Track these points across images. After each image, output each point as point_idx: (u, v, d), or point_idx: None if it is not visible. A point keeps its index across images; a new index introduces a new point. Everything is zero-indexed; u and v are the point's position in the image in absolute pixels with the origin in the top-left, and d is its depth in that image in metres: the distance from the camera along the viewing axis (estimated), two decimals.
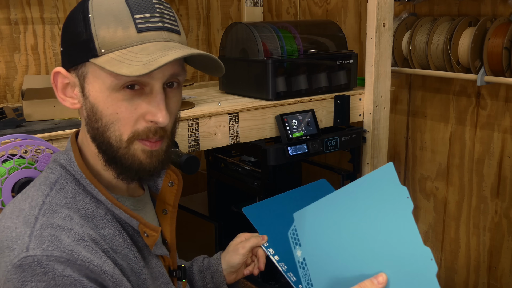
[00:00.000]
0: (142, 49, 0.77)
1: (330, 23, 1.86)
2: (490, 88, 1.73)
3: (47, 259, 0.71)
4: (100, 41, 0.77)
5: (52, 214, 0.77)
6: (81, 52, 0.79)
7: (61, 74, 0.83)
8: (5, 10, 1.67)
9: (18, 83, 1.72)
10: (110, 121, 0.80)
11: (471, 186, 1.85)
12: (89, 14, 0.79)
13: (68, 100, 0.84)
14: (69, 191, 0.82)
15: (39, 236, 0.73)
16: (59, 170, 0.84)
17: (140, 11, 0.79)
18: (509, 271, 1.80)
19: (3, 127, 1.19)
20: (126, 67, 0.75)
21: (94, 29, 0.78)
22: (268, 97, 1.57)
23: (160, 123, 0.79)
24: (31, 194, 0.81)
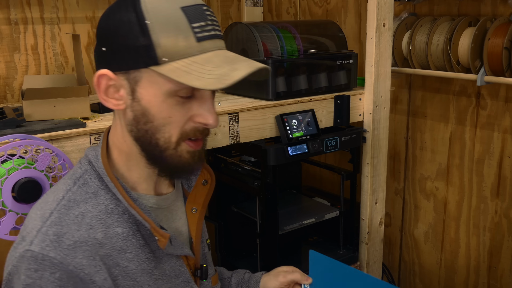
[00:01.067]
0: (206, 61, 0.80)
1: (330, 23, 1.86)
2: (490, 88, 1.73)
3: (42, 257, 0.75)
4: (162, 50, 0.78)
5: (66, 211, 0.80)
6: (138, 58, 0.80)
7: (106, 77, 0.83)
8: (5, 10, 1.67)
9: (18, 83, 1.72)
10: (162, 124, 0.82)
11: (471, 186, 1.85)
12: (146, 20, 0.78)
13: (111, 101, 0.85)
14: (92, 187, 0.85)
15: (44, 233, 0.77)
16: (85, 166, 0.87)
17: (196, 20, 0.80)
18: (509, 271, 1.80)
19: (3, 127, 1.19)
20: (197, 79, 0.77)
21: (154, 37, 0.78)
22: (268, 97, 1.57)
23: (211, 125, 0.85)
24: (59, 186, 0.86)
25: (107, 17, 0.83)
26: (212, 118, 0.84)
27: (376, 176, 1.78)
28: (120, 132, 0.88)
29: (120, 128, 0.88)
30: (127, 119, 0.85)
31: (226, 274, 1.18)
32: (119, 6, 0.81)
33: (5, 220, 1.07)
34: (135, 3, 0.80)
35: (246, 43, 1.64)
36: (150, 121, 0.83)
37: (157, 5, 0.79)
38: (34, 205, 0.86)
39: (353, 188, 1.76)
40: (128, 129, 0.86)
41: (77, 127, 1.22)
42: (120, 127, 0.88)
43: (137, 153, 0.87)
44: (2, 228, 1.07)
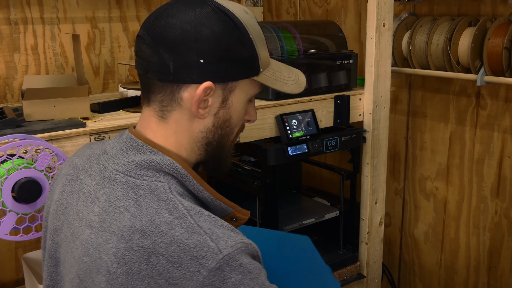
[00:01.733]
0: (279, 69, 0.94)
1: (330, 23, 1.86)
2: (490, 88, 1.73)
3: (237, 252, 0.77)
4: (261, 61, 0.88)
5: (201, 216, 0.80)
6: (244, 69, 0.87)
7: (210, 89, 0.84)
8: (5, 10, 1.67)
9: (18, 83, 1.72)
10: (236, 125, 0.92)
11: (471, 186, 1.85)
12: (250, 35, 0.85)
13: (199, 112, 0.86)
14: (182, 194, 0.84)
15: (219, 238, 0.78)
16: (162, 177, 0.83)
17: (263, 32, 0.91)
18: (509, 271, 1.80)
19: (3, 127, 1.19)
20: (284, 86, 0.93)
21: (258, 50, 0.87)
22: (268, 97, 1.57)
23: (254, 121, 0.98)
24: (157, 205, 0.80)
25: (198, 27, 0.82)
26: (256, 115, 0.98)
27: (376, 176, 1.78)
28: (179, 140, 0.88)
29: (180, 136, 0.88)
30: (204, 126, 0.88)
31: None
32: (209, 17, 0.83)
33: (5, 220, 1.07)
34: (229, 16, 0.84)
35: None
36: (228, 125, 0.90)
37: (248, 19, 0.87)
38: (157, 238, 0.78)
39: (353, 188, 1.76)
40: (200, 135, 0.89)
41: (77, 127, 1.22)
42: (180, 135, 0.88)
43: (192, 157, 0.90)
44: (2, 228, 1.07)
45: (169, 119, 0.87)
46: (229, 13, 0.84)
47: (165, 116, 0.87)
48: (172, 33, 0.82)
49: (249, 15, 0.88)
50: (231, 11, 0.84)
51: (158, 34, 0.84)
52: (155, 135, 0.88)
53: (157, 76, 0.84)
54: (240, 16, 0.85)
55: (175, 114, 0.86)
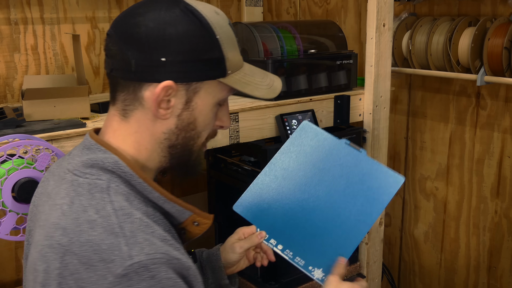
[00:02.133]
0: (252, 72, 0.92)
1: (330, 23, 1.86)
2: (490, 88, 1.73)
3: (152, 262, 0.73)
4: (229, 63, 0.86)
5: (129, 218, 0.77)
6: (209, 71, 0.84)
7: (171, 88, 0.82)
8: (5, 10, 1.67)
9: (18, 83, 1.72)
10: (202, 130, 0.89)
11: (471, 186, 1.85)
12: (216, 36, 0.83)
13: (160, 112, 0.84)
14: (123, 194, 0.81)
15: (136, 243, 0.74)
16: (104, 175, 0.82)
17: (236, 35, 0.89)
18: (509, 271, 1.80)
19: (3, 127, 1.19)
20: (256, 90, 0.90)
21: (225, 51, 0.84)
22: None
23: (227, 127, 0.95)
24: (87, 203, 0.79)
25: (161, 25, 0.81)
26: (230, 121, 0.95)
27: None
28: (139, 140, 0.86)
29: (140, 136, 0.86)
30: (166, 127, 0.85)
31: None
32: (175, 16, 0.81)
33: (6, 220, 1.07)
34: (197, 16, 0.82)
35: (246, 43, 1.64)
36: (192, 128, 0.87)
37: (218, 20, 0.85)
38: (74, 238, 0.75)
39: None
40: (162, 137, 0.86)
41: (77, 127, 1.22)
42: (140, 135, 0.86)
43: (155, 159, 0.88)
44: (3, 228, 1.07)
45: (130, 119, 0.85)
46: (196, 13, 0.82)
47: (127, 115, 0.85)
48: (137, 31, 0.81)
49: (220, 16, 0.86)
50: (199, 12, 0.83)
51: (124, 32, 0.83)
52: (114, 134, 0.87)
53: (121, 74, 0.84)
54: (208, 16, 0.83)
55: (137, 113, 0.85)
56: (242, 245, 1.10)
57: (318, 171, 1.10)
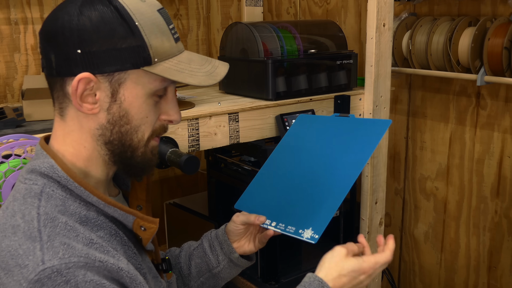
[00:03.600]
0: (189, 60, 0.85)
1: (330, 23, 1.86)
2: (490, 88, 1.73)
3: (66, 266, 0.71)
4: (154, 51, 0.80)
5: (52, 223, 0.76)
6: (128, 59, 0.79)
7: (88, 79, 0.79)
8: (5, 10, 1.67)
9: (18, 83, 1.72)
10: (138, 124, 0.83)
11: (471, 186, 1.85)
12: (135, 22, 0.79)
13: (85, 106, 0.81)
14: (58, 199, 0.80)
15: (51, 247, 0.72)
16: (41, 180, 0.81)
17: (169, 22, 0.84)
18: (509, 271, 1.80)
19: (3, 127, 1.19)
20: (190, 77, 0.82)
21: (146, 38, 0.80)
22: (268, 97, 1.57)
23: (177, 121, 0.88)
24: (17, 208, 0.78)
25: (75, 16, 0.78)
26: (178, 115, 0.88)
27: (376, 176, 1.78)
28: (76, 139, 0.84)
29: (77, 134, 0.84)
30: (97, 123, 0.82)
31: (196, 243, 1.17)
32: (90, 6, 0.79)
33: None
34: (113, 4, 0.79)
35: (246, 43, 1.64)
36: (126, 123, 0.82)
37: (139, 7, 0.80)
38: None
39: (353, 188, 1.76)
40: (96, 133, 0.83)
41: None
42: (77, 133, 0.84)
43: (98, 157, 0.85)
44: None
45: (66, 117, 0.83)
46: (114, 2, 0.79)
47: (63, 114, 0.84)
48: (53, 26, 0.79)
49: (146, 3, 0.82)
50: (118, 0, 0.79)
51: (45, 29, 0.81)
52: (55, 135, 0.85)
53: (47, 72, 0.82)
54: (127, 3, 0.79)
55: (71, 111, 0.82)
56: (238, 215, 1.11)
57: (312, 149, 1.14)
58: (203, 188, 2.23)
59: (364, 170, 1.77)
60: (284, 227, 1.06)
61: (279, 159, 1.17)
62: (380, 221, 1.83)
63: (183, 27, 2.18)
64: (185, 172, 1.16)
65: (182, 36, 2.18)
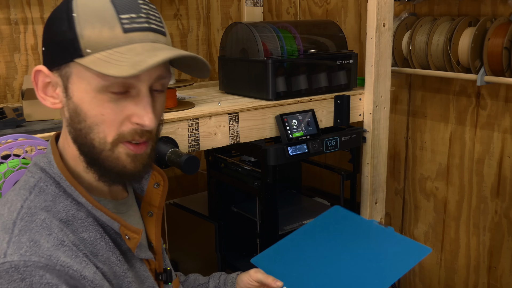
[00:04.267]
0: (129, 50, 0.76)
1: (330, 23, 1.86)
2: (490, 88, 1.73)
3: (25, 264, 0.70)
4: (85, 41, 0.76)
5: (30, 217, 0.76)
6: (65, 52, 0.78)
7: (42, 73, 0.81)
8: (5, 10, 1.67)
9: (18, 83, 1.72)
10: (95, 122, 0.78)
11: (471, 186, 1.85)
12: (73, 14, 0.77)
13: (48, 100, 0.83)
14: (49, 194, 0.80)
15: (17, 242, 0.72)
16: (38, 173, 0.82)
17: (125, 11, 0.77)
18: (509, 271, 1.80)
19: (3, 127, 1.19)
20: (113, 67, 0.74)
21: (79, 29, 0.76)
22: (268, 97, 1.57)
23: (147, 126, 0.78)
24: (10, 198, 0.80)
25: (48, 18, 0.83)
26: (147, 118, 0.78)
27: (376, 176, 1.78)
28: (64, 135, 0.85)
29: (64, 129, 0.85)
30: (65, 119, 0.83)
31: (202, 280, 1.16)
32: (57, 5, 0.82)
33: None
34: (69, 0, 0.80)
35: (246, 43, 1.64)
36: (83, 119, 0.79)
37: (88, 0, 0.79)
38: None
39: (353, 188, 1.76)
40: (68, 130, 0.83)
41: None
42: (64, 129, 0.85)
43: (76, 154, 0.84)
44: None
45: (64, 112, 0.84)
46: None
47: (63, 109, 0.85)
48: None
49: None
50: None
51: None
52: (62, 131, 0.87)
53: None
54: None
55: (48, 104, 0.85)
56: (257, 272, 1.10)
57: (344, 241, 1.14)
58: (203, 188, 2.23)
59: (364, 170, 1.77)
60: None
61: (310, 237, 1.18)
62: (380, 221, 1.83)
63: (183, 27, 2.18)
64: (185, 172, 1.16)
65: (182, 36, 2.18)
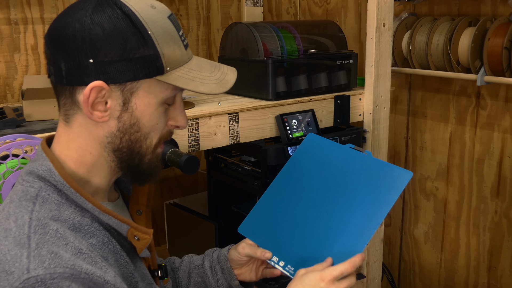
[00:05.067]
0: (199, 67, 0.86)
1: (330, 23, 1.86)
2: (490, 88, 1.73)
3: (51, 277, 0.70)
4: (166, 60, 0.81)
5: (43, 229, 0.75)
6: (141, 69, 0.79)
7: (101, 89, 0.79)
8: (5, 10, 1.67)
9: (18, 83, 1.72)
10: (149, 131, 0.84)
11: (471, 186, 1.85)
12: (148, 31, 0.79)
13: (95, 114, 0.80)
14: (53, 203, 0.79)
15: (38, 256, 0.72)
16: (37, 183, 0.81)
17: (179, 28, 0.84)
18: (509, 271, 1.80)
19: (3, 127, 1.19)
20: (201, 85, 0.83)
21: (159, 47, 0.80)
22: (268, 97, 1.57)
23: (183, 127, 0.89)
24: (12, 211, 0.78)
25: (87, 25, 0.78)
26: (185, 121, 0.89)
27: None
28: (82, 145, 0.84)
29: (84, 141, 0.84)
30: (107, 131, 0.82)
31: (197, 261, 1.16)
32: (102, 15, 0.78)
33: None
34: (126, 12, 0.78)
35: (246, 43, 1.64)
36: (138, 130, 0.83)
37: (152, 15, 0.80)
38: None
39: None
40: (105, 140, 0.83)
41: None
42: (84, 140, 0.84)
43: (103, 164, 0.85)
44: None
45: (72, 123, 0.83)
46: (126, 9, 0.78)
47: (68, 120, 0.83)
48: (64, 33, 0.78)
49: (157, 10, 0.81)
50: (129, 7, 0.78)
51: (53, 35, 0.81)
52: (58, 140, 0.85)
53: (55, 79, 0.81)
54: (139, 12, 0.79)
55: (78, 118, 0.82)
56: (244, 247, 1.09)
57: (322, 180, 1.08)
58: (203, 188, 2.23)
59: None
60: (293, 271, 1.02)
61: (286, 184, 1.12)
62: None
63: (183, 27, 2.18)
64: (185, 172, 1.15)
65: None
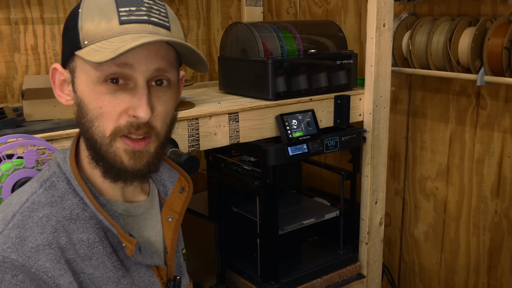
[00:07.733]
0: (120, 39, 0.76)
1: (330, 23, 1.86)
2: (490, 88, 1.73)
3: (3, 260, 0.72)
4: (84, 34, 0.78)
5: (30, 213, 0.77)
6: (70, 47, 0.81)
7: (57, 71, 0.85)
8: (5, 10, 1.67)
9: (18, 83, 1.72)
10: (95, 116, 0.79)
11: (471, 186, 1.85)
12: (79, 9, 0.80)
13: (64, 97, 0.85)
14: (59, 190, 0.82)
15: (6, 236, 0.74)
16: (54, 168, 0.85)
17: (126, 5, 0.79)
18: (509, 271, 1.80)
19: (3, 127, 1.19)
20: (98, 54, 0.75)
21: (80, 23, 0.79)
22: (268, 97, 1.57)
23: (141, 118, 0.77)
24: (25, 188, 0.83)
25: None
26: (142, 110, 0.77)
27: (376, 176, 1.78)
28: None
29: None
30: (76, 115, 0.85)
31: None
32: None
33: None
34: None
35: (246, 43, 1.64)
36: (86, 113, 0.80)
37: None
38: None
39: (353, 188, 1.76)
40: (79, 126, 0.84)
41: (76, 127, 1.22)
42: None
43: None
44: None
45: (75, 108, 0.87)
46: None
47: None
48: None
49: None
50: None
51: None
52: None
53: None
54: None
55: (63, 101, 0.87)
56: None
57: None
58: (203, 188, 2.23)
59: (364, 170, 1.77)
60: None
61: None
62: (380, 221, 1.83)
63: (183, 27, 2.18)
64: (185, 172, 1.15)
65: None
